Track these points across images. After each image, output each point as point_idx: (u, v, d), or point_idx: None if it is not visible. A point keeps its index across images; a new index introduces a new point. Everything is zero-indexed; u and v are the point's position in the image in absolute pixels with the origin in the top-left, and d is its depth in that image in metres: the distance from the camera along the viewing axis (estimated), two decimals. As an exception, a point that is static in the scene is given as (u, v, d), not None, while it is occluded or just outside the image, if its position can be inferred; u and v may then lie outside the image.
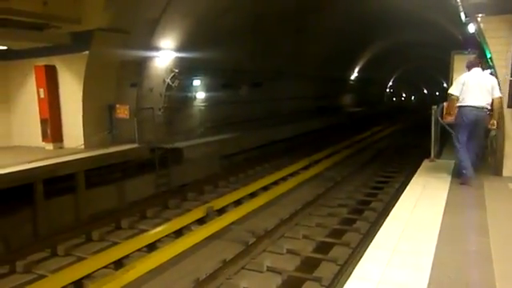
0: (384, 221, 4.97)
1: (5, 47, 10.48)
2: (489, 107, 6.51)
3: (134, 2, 10.43)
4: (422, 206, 5.47)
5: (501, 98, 6.54)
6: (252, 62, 16.67)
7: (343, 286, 3.37)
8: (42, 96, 10.93)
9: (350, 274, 3.57)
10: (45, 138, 11.05)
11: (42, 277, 6.40)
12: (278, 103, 20.04)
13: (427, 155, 8.81)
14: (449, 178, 6.99)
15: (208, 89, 15.06)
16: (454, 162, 8.33)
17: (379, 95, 41.54)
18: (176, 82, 13.07)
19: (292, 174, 12.93)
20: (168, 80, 12.85)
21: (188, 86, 14.13)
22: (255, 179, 12.09)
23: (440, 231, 4.55)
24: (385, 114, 34.61)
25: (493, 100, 6.47)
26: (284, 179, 12.33)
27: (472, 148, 6.73)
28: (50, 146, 10.96)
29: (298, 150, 16.92)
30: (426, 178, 7.10)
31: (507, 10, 6.47)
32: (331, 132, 22.34)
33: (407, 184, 6.86)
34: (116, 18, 10.25)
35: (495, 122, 6.57)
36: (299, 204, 9.83)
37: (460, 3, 6.71)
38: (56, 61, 10.89)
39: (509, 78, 6.79)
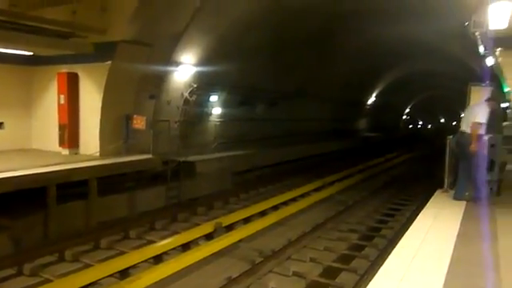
0: (393, 249, 4.91)
1: (31, 53, 10.78)
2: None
3: (158, 16, 10.68)
4: (432, 237, 5.39)
5: (477, 123, 6.95)
6: (270, 81, 16.83)
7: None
8: (62, 102, 11.16)
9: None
10: (62, 143, 11.24)
11: (47, 281, 6.43)
12: (294, 123, 20.10)
13: (441, 185, 8.70)
14: (462, 210, 6.88)
15: (225, 105, 15.20)
16: (467, 193, 8.24)
17: (395, 121, 41.34)
18: (194, 97, 13.24)
19: (303, 195, 12.87)
20: (186, 94, 13.03)
21: (205, 101, 14.29)
22: (266, 197, 12.07)
23: (450, 264, 4.47)
24: (400, 140, 34.35)
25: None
26: (295, 200, 12.27)
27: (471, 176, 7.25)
28: (66, 152, 11.14)
29: (311, 171, 16.88)
30: (438, 208, 7.00)
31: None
32: (345, 155, 22.26)
33: (419, 213, 6.78)
34: (140, 31, 10.50)
35: (473, 145, 6.99)
36: (309, 226, 9.75)
37: (479, 36, 6.72)
38: (78, 69, 11.15)
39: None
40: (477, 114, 7.09)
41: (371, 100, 30.34)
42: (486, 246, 5.20)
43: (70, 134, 11.15)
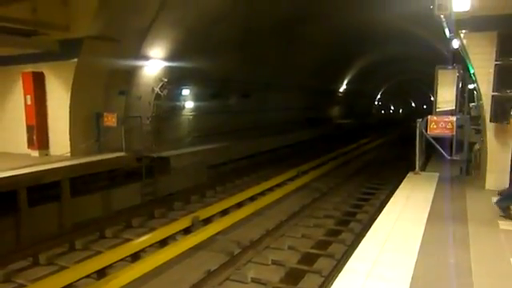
0: (366, 232, 5.00)
1: (-8, 53, 10.44)
2: None
3: (124, 10, 10.45)
4: (404, 218, 5.52)
5: None
6: (241, 72, 16.77)
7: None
8: (29, 103, 10.86)
9: (331, 285, 3.59)
10: (30, 144, 10.96)
11: (22, 286, 6.30)
12: (267, 114, 20.14)
13: (413, 168, 8.91)
14: (432, 191, 7.07)
15: (197, 98, 15.10)
16: (438, 174, 8.47)
17: (367, 108, 41.92)
18: (165, 91, 13.09)
19: (279, 185, 12.94)
20: (157, 89, 12.86)
21: (177, 95, 14.16)
22: (242, 189, 12.08)
23: (421, 243, 4.60)
24: (373, 126, 34.90)
25: None
26: (271, 190, 12.32)
27: None
28: (35, 153, 10.87)
29: (285, 161, 16.97)
30: (410, 190, 7.17)
31: (489, 27, 6.63)
32: (319, 143, 22.45)
33: (392, 196, 6.92)
34: (106, 26, 10.26)
35: None
36: (285, 215, 9.83)
37: (444, 19, 6.85)
38: (44, 68, 10.85)
39: (491, 93, 6.92)
40: None
41: (343, 87, 30.65)
42: (455, 225, 5.36)
43: (38, 134, 10.87)
